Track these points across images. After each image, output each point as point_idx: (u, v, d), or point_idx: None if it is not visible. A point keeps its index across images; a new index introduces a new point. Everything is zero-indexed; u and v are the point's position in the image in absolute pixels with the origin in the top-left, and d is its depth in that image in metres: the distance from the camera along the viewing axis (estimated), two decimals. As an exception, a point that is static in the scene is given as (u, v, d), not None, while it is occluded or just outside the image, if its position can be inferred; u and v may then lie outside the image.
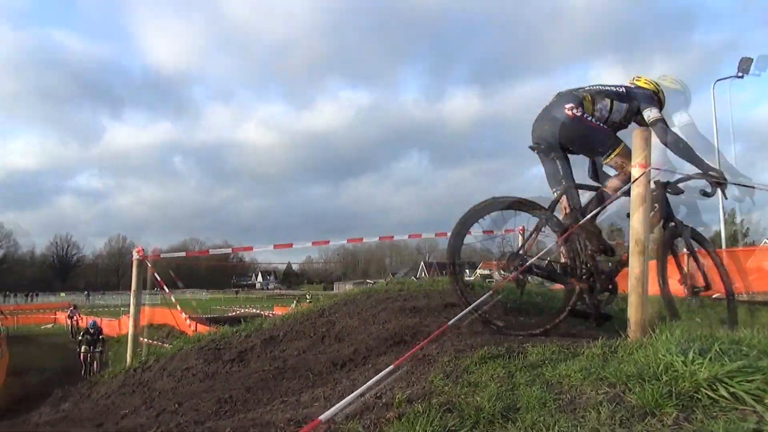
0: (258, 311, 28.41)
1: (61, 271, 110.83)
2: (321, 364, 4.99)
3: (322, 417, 2.65)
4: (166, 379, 6.39)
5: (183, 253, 15.13)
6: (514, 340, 4.30)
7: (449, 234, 5.14)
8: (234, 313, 29.93)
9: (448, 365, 3.73)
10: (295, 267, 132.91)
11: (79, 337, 12.26)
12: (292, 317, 7.46)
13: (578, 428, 2.52)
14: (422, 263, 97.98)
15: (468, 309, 4.27)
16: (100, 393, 7.02)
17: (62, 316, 30.29)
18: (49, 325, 26.03)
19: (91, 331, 12.32)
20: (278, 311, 23.25)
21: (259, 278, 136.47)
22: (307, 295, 50.57)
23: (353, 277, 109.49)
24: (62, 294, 73.94)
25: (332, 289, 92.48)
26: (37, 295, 71.14)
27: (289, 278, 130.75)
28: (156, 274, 8.08)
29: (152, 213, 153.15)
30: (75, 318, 24.43)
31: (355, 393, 3.02)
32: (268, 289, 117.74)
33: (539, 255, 4.94)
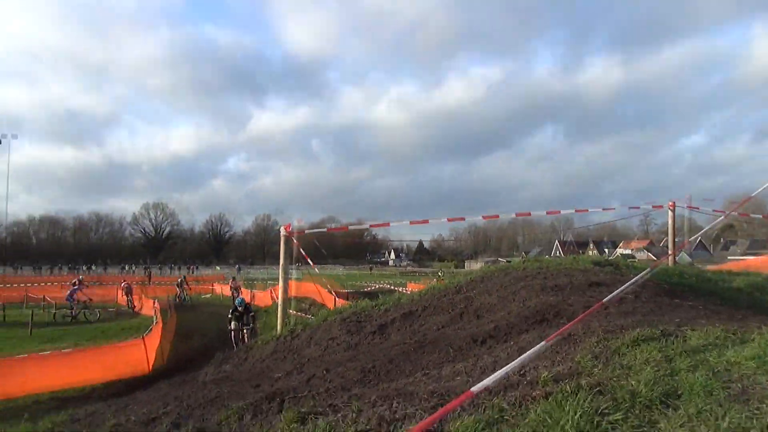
0: (392, 287, 29.29)
1: (215, 246, 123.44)
2: (461, 340, 5.06)
3: (474, 389, 2.71)
4: (313, 347, 6.91)
5: (324, 229, 15.92)
6: (669, 323, 4.03)
7: (590, 210, 4.89)
8: (369, 288, 31.19)
9: (596, 346, 3.61)
10: (426, 245, 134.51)
11: (229, 315, 13.15)
12: (429, 293, 7.62)
13: (753, 420, 2.32)
14: (557, 241, 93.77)
15: (626, 286, 4.06)
16: (255, 357, 7.79)
17: (218, 287, 33.95)
18: (208, 295, 29.12)
19: (240, 309, 13.15)
20: (411, 288, 23.81)
21: (392, 255, 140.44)
22: (440, 273, 51.02)
23: (484, 255, 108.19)
24: (217, 267, 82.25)
25: (463, 267, 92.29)
26: (197, 267, 79.86)
27: (421, 255, 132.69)
28: (301, 249, 8.61)
29: (293, 193, 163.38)
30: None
31: (510, 365, 3.05)
32: (400, 266, 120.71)
33: (697, 235, 4.53)
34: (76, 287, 23.03)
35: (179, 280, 28.38)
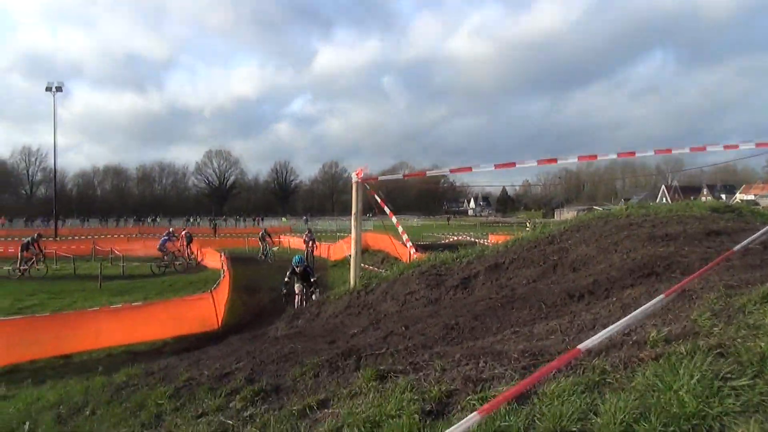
0: (472, 239, 29.24)
1: (281, 196, 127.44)
2: (554, 295, 5.00)
3: (581, 346, 2.69)
4: (390, 303, 7.07)
5: (399, 175, 15.81)
6: (805, 277, 3.77)
7: (709, 148, 4.57)
8: (447, 240, 31.31)
9: (716, 303, 3.45)
10: (510, 192, 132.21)
11: (285, 278, 11.89)
12: (517, 243, 7.54)
13: None
14: (663, 186, 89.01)
15: (758, 235, 3.81)
16: (328, 312, 8.08)
17: (286, 240, 35.23)
18: (276, 248, 30.27)
19: (298, 268, 11.73)
20: (493, 240, 23.62)
21: (472, 204, 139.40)
22: (528, 223, 50.22)
23: (577, 203, 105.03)
24: (284, 219, 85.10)
25: (552, 217, 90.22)
26: (262, 219, 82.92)
27: (505, 204, 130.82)
28: (376, 196, 8.59)
29: (362, 137, 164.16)
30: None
31: (622, 321, 2.99)
32: (481, 215, 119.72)
33: None
34: (167, 238, 24.86)
35: (261, 233, 29.04)
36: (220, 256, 21.78)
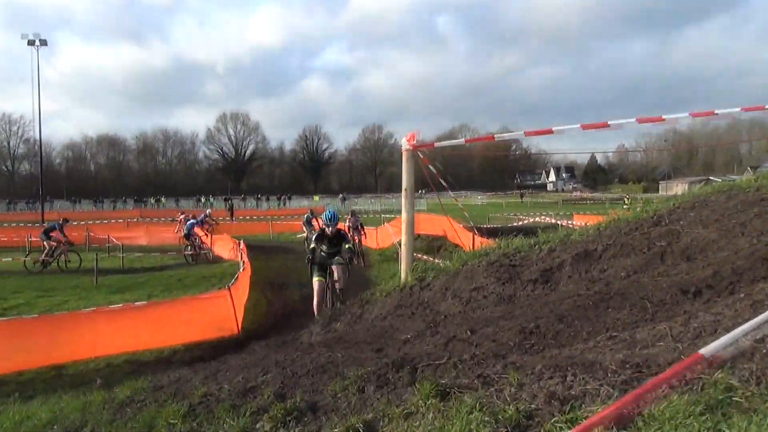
0: (552, 220, 28.91)
1: (312, 168, 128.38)
2: (663, 291, 4.93)
3: (704, 351, 2.64)
4: (451, 301, 7.09)
5: (461, 140, 15.56)
6: None
7: None
8: (521, 222, 31.03)
9: None
10: (601, 161, 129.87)
11: (308, 252, 11.64)
12: (612, 226, 7.43)
13: None
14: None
15: None
16: (373, 313, 8.16)
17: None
18: (303, 234, 30.52)
19: (329, 230, 11.16)
20: (580, 221, 23.27)
21: (551, 176, 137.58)
22: (626, 199, 49.32)
23: (689, 174, 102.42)
24: (316, 198, 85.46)
25: (656, 191, 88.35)
26: (290, 198, 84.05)
27: (594, 176, 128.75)
28: (431, 167, 8.50)
29: (412, 95, 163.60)
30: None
31: (744, 327, 2.92)
32: (563, 190, 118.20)
33: None
34: (195, 221, 25.74)
35: (306, 216, 29.17)
36: (239, 244, 22.11)
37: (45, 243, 22.87)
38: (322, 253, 11.07)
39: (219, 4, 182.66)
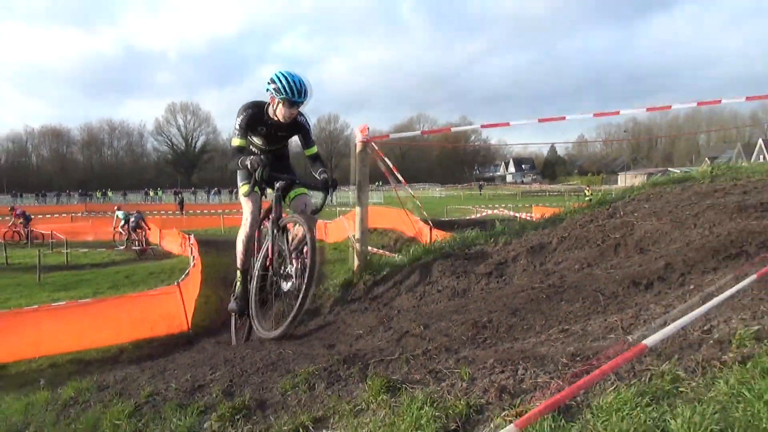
0: (511, 213, 29.25)
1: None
2: (615, 283, 5.04)
3: (648, 342, 2.73)
4: (405, 295, 7.12)
5: (417, 132, 15.66)
6: None
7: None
8: (478, 215, 31.29)
9: (824, 292, 3.48)
10: (560, 152, 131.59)
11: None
12: (568, 218, 7.55)
13: None
14: (760, 141, 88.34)
15: None
16: (326, 308, 8.16)
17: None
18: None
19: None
20: (538, 213, 23.60)
21: (511, 168, 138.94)
22: (587, 191, 50.04)
23: (647, 164, 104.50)
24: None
25: (615, 183, 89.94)
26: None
27: (553, 167, 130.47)
28: (386, 159, 8.52)
29: (372, 83, 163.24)
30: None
31: (689, 315, 3.03)
32: (523, 182, 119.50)
33: None
34: (139, 215, 26.08)
35: None
36: (189, 239, 21.93)
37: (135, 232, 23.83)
38: (258, 155, 7.00)
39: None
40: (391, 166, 8.69)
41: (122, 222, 28.37)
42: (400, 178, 9.06)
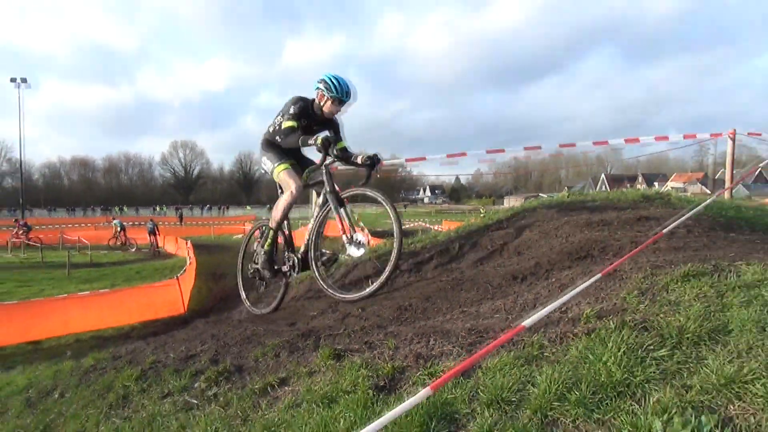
0: (427, 225, 29.53)
1: (246, 185, 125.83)
2: (500, 277, 5.10)
3: (526, 323, 2.78)
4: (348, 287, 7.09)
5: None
6: (723, 257, 3.96)
7: (642, 140, 4.75)
8: (404, 227, 31.53)
9: (643, 282, 3.60)
10: (463, 181, 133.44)
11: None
12: (468, 229, 7.64)
13: (809, 356, 2.31)
14: (603, 176, 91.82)
15: (684, 218, 3.98)
16: (289, 296, 8.05)
17: (249, 228, 34.86)
18: (239, 236, 29.96)
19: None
20: (447, 225, 23.91)
21: (427, 192, 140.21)
22: (482, 210, 50.74)
23: (525, 191, 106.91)
24: (248, 207, 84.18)
25: (502, 204, 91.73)
26: (227, 208, 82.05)
27: (458, 192, 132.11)
28: (334, 183, 8.50)
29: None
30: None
31: (558, 301, 3.09)
32: (435, 203, 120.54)
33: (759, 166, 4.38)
34: (152, 224, 25.69)
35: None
36: (186, 243, 21.47)
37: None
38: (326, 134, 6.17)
39: (176, 54, 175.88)
40: (338, 189, 8.68)
41: (119, 229, 27.47)
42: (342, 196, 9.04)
